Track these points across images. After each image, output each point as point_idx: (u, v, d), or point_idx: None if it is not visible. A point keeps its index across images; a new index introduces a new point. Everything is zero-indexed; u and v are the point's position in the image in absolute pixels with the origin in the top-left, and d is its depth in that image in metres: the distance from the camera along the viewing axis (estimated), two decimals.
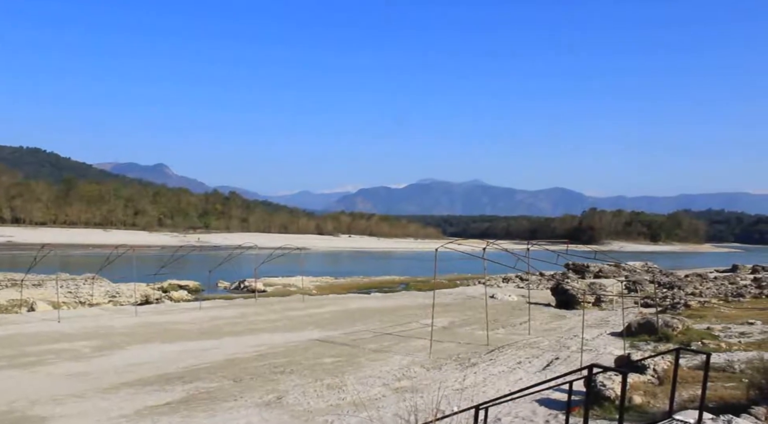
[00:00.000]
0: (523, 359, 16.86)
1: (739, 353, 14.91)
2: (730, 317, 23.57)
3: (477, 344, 19.20)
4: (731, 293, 35.21)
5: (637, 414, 9.44)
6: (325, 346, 18.80)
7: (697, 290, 38.27)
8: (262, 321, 24.08)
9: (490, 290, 38.24)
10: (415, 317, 25.40)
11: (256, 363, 15.98)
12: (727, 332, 19.23)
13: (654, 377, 12.15)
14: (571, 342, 19.26)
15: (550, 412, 10.66)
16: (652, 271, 54.07)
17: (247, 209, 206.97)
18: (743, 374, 11.72)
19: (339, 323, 24.00)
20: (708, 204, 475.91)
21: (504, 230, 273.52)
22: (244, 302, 31.21)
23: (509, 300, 34.52)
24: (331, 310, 28.26)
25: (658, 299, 33.29)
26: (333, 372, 14.93)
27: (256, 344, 18.98)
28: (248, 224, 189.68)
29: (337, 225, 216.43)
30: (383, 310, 28.59)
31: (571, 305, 31.06)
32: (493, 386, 13.46)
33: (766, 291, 35.37)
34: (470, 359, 16.73)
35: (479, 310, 24.62)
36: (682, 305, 28.80)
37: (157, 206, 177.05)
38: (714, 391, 10.31)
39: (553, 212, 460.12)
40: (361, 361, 16.45)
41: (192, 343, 18.89)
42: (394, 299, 34.43)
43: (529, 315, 24.94)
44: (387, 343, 19.46)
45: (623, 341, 18.86)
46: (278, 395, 12.58)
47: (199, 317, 24.99)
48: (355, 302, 32.51)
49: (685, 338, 17.95)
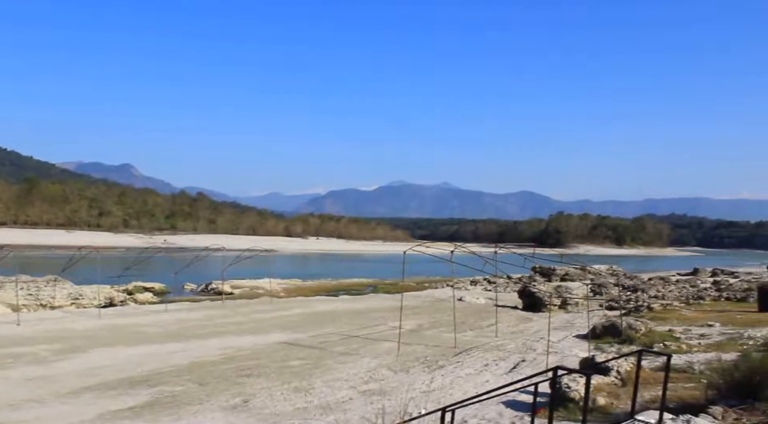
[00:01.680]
0: (490, 361, 16.98)
1: (698, 355, 15.24)
2: (690, 319, 24.07)
3: (445, 347, 19.28)
4: (692, 296, 36.02)
5: (601, 415, 9.57)
6: (292, 349, 18.70)
7: (659, 292, 39.04)
8: (229, 324, 23.85)
9: (458, 292, 38.43)
10: (383, 320, 25.42)
11: (223, 366, 15.83)
12: (687, 334, 19.65)
13: (617, 379, 12.34)
14: (537, 344, 19.46)
15: (516, 414, 10.75)
16: (617, 274, 54.98)
17: (215, 211, 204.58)
18: (702, 374, 11.97)
19: (307, 325, 23.90)
20: (671, 209, 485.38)
21: (472, 232, 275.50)
22: (210, 305, 30.88)
23: (477, 303, 34.74)
24: (298, 312, 28.13)
25: (622, 301, 33.88)
26: (300, 375, 14.86)
27: (222, 346, 18.79)
28: (216, 226, 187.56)
29: (306, 227, 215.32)
30: (351, 312, 28.55)
31: (537, 307, 31.38)
32: (460, 388, 13.53)
33: (725, 294, 36.23)
34: (438, 362, 16.80)
35: (447, 313, 24.74)
36: (646, 307, 29.36)
37: (122, 207, 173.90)
38: (675, 392, 10.51)
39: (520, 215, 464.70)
40: (328, 364, 16.40)
41: (157, 346, 18.63)
42: (362, 302, 34.41)
43: (496, 318, 25.13)
44: (355, 345, 19.43)
45: (588, 343, 19.13)
46: (245, 399, 12.47)
47: (164, 319, 24.66)
48: (323, 304, 32.41)
49: (648, 340, 18.27)
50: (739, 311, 26.72)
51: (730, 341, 17.79)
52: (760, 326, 20.67)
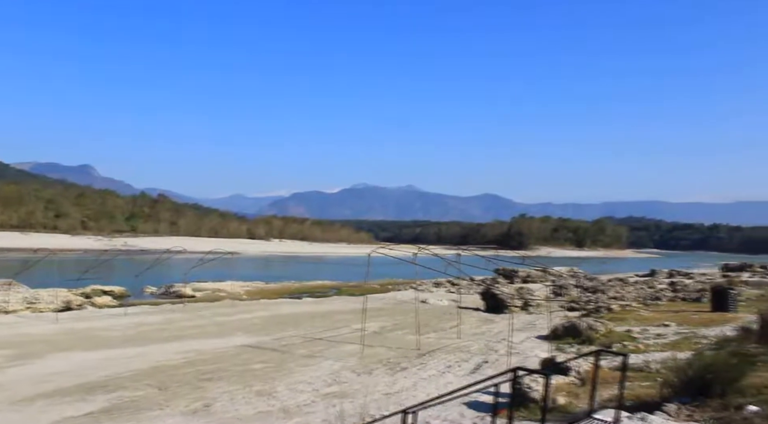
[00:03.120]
0: (452, 362, 17.10)
1: (655, 354, 15.58)
2: (648, 319, 24.60)
3: (408, 349, 19.34)
4: (649, 297, 36.81)
5: (561, 414, 9.72)
6: (254, 352, 18.53)
7: (618, 294, 39.76)
8: (190, 327, 23.52)
9: (422, 294, 38.60)
10: (347, 322, 25.37)
11: (183, 370, 15.60)
12: (645, 334, 20.08)
13: (577, 378, 12.55)
14: (499, 346, 19.67)
15: (477, 414, 10.85)
16: (578, 276, 55.93)
17: (177, 212, 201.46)
18: (658, 373, 12.25)
19: (269, 328, 23.71)
20: (630, 211, 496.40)
21: (436, 235, 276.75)
22: (171, 308, 30.40)
23: (440, 305, 34.92)
24: (261, 315, 27.89)
25: (582, 302, 34.46)
26: (262, 378, 14.74)
27: (183, 350, 18.52)
28: (178, 228, 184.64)
29: (269, 229, 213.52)
30: (314, 315, 28.43)
31: (500, 309, 31.69)
32: (423, 390, 13.59)
33: (680, 295, 37.15)
34: (401, 364, 16.84)
35: (410, 314, 24.83)
36: (605, 308, 29.89)
37: (80, 209, 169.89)
38: (632, 390, 10.73)
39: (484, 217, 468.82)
40: (291, 367, 16.30)
41: (116, 350, 18.25)
42: (325, 304, 34.29)
43: (459, 319, 25.31)
44: (318, 348, 19.36)
45: (549, 344, 19.42)
46: (206, 403, 12.31)
47: (124, 323, 24.18)
48: (286, 307, 32.21)
49: (607, 340, 18.62)
50: (693, 311, 27.42)
51: (684, 341, 18.24)
52: (713, 325, 21.26)
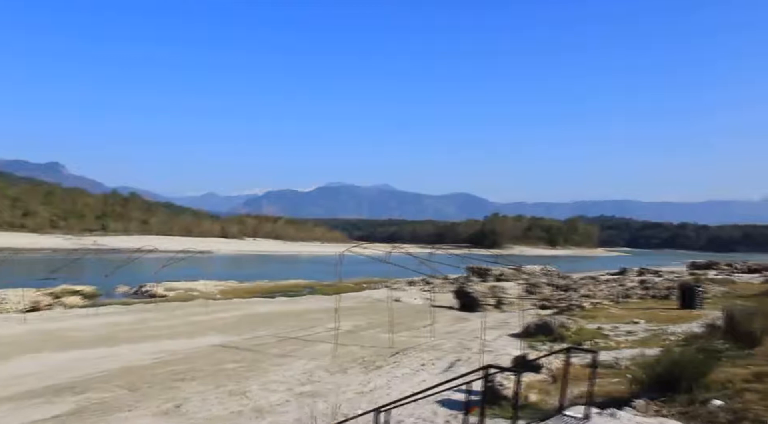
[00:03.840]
0: (426, 361, 17.16)
1: (625, 351, 15.82)
2: (618, 317, 24.92)
3: (381, 347, 19.37)
4: (620, 295, 37.27)
5: (533, 411, 9.81)
6: (227, 351, 18.41)
7: (590, 292, 40.25)
8: (162, 327, 23.27)
9: (396, 293, 38.67)
10: (321, 321, 25.32)
11: (155, 371, 15.43)
12: (615, 331, 20.35)
13: (549, 376, 12.68)
14: (472, 344, 19.79)
15: (450, 412, 10.92)
16: (550, 274, 56.48)
17: (149, 211, 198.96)
18: (628, 370, 12.44)
19: (243, 327, 23.57)
20: (601, 210, 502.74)
21: (410, 233, 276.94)
22: (143, 308, 30.05)
23: (414, 303, 35.03)
24: (234, 315, 27.70)
25: (554, 300, 34.85)
26: (235, 378, 14.65)
27: (155, 350, 18.33)
28: (149, 227, 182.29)
29: (242, 228, 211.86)
30: (288, 314, 28.33)
31: (473, 307, 31.89)
32: (396, 388, 13.62)
33: (650, 292, 37.72)
34: (375, 362, 16.86)
35: (384, 313, 24.85)
36: (577, 306, 30.23)
37: (49, 207, 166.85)
38: (602, 387, 10.88)
39: (458, 216, 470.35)
40: (264, 366, 16.23)
41: (86, 351, 17.99)
42: (299, 303, 34.18)
43: (432, 318, 25.41)
44: (291, 347, 19.30)
45: (521, 341, 19.58)
46: (177, 404, 12.20)
47: (94, 323, 23.83)
48: (260, 306, 32.03)
49: (578, 338, 18.85)
50: (662, 308, 27.85)
51: (653, 337, 18.54)
52: (681, 322, 21.64)
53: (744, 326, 11.59)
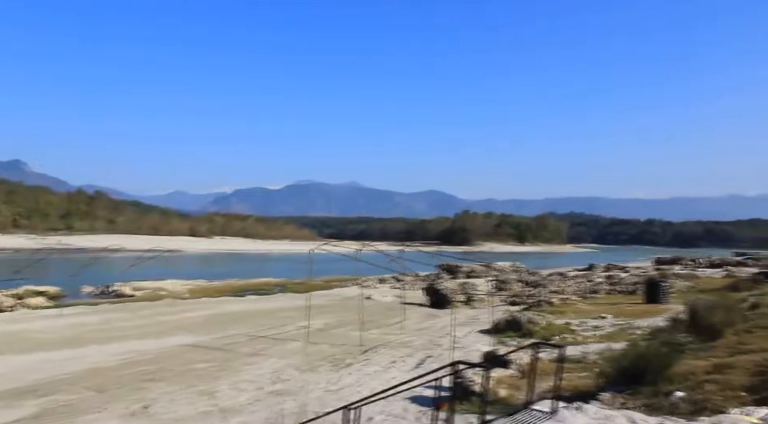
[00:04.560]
0: (396, 358, 17.23)
1: (592, 345, 16.09)
2: (586, 312, 25.31)
3: (352, 345, 19.37)
4: (588, 290, 37.83)
5: (502, 406, 9.91)
6: (197, 351, 18.24)
7: (559, 287, 40.75)
8: (130, 327, 22.94)
9: (366, 291, 38.67)
10: (291, 320, 25.22)
11: (123, 371, 15.22)
12: (583, 326, 20.68)
13: (518, 371, 12.84)
14: (442, 340, 19.91)
15: (421, 409, 10.98)
16: (520, 270, 57.06)
17: (115, 210, 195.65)
18: (595, 364, 12.66)
19: (212, 327, 23.37)
20: (570, 207, 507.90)
21: (380, 231, 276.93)
22: (110, 308, 29.58)
23: (384, 301, 35.07)
24: (204, 314, 27.44)
25: (524, 297, 35.20)
26: (205, 378, 14.52)
27: (122, 351, 18.07)
28: (116, 226, 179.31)
29: (211, 226, 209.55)
30: (258, 312, 28.16)
31: (443, 304, 32.03)
32: (367, 386, 13.64)
33: (617, 288, 38.36)
34: (345, 360, 16.87)
35: (355, 311, 24.86)
36: (546, 302, 30.57)
37: (11, 206, 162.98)
38: (570, 381, 11.05)
39: (428, 213, 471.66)
40: (234, 365, 16.12)
41: (51, 353, 17.65)
42: (269, 302, 33.99)
43: (403, 315, 25.50)
44: (261, 346, 19.20)
45: (491, 337, 19.77)
46: (145, 405, 12.05)
47: (59, 324, 23.38)
48: (230, 305, 31.77)
49: (547, 333, 19.11)
50: (629, 303, 28.36)
51: (620, 332, 18.90)
52: (646, 316, 22.08)
53: (706, 320, 11.88)
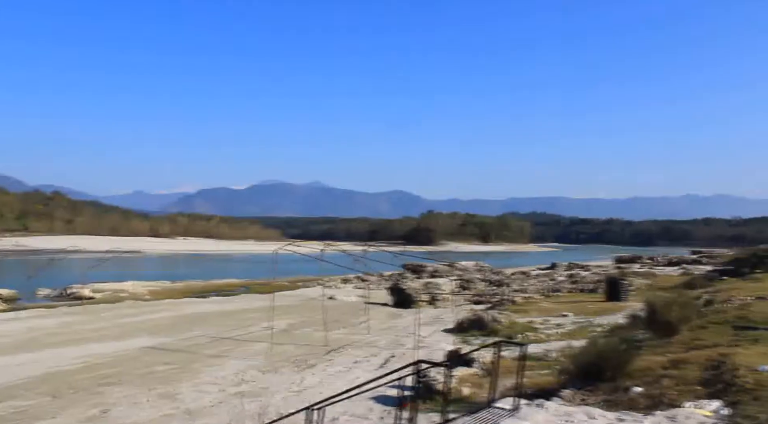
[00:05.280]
0: (361, 358, 17.24)
1: (554, 343, 16.32)
2: (548, 310, 25.67)
3: (316, 346, 19.31)
4: (550, 289, 38.40)
5: (465, 404, 10.00)
6: (158, 353, 17.96)
7: (522, 286, 41.28)
8: (88, 330, 22.46)
9: (330, 291, 38.60)
10: (255, 320, 25.02)
11: (81, 376, 14.89)
12: (545, 324, 20.97)
13: (481, 369, 12.95)
14: (406, 340, 19.97)
15: (385, 408, 11.00)
16: (483, 270, 57.58)
17: (74, 210, 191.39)
18: (557, 361, 12.85)
19: (174, 328, 23.03)
20: (533, 207, 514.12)
21: (345, 231, 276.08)
22: (68, 311, 28.91)
23: (349, 301, 35.05)
24: (165, 315, 27.03)
25: (487, 296, 35.56)
26: (166, 380, 14.31)
27: (81, 355, 17.67)
28: (74, 226, 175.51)
29: (174, 227, 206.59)
30: (222, 314, 27.87)
31: (407, 304, 32.15)
32: (330, 386, 13.61)
33: (578, 286, 39.00)
34: (309, 361, 16.81)
35: (319, 311, 24.79)
36: (509, 300, 30.93)
37: None
38: (532, 379, 11.18)
39: (393, 213, 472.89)
40: (197, 367, 15.93)
41: (5, 357, 17.15)
42: (233, 303, 33.67)
43: (367, 315, 25.49)
44: (225, 348, 19.01)
45: (455, 336, 19.92)
46: (104, 409, 11.81)
47: (14, 328, 22.75)
48: (192, 306, 31.37)
49: (510, 332, 19.32)
50: (590, 301, 28.86)
51: (581, 329, 19.21)
52: (606, 314, 22.51)
53: (663, 316, 12.15)
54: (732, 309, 14.66)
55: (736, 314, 13.60)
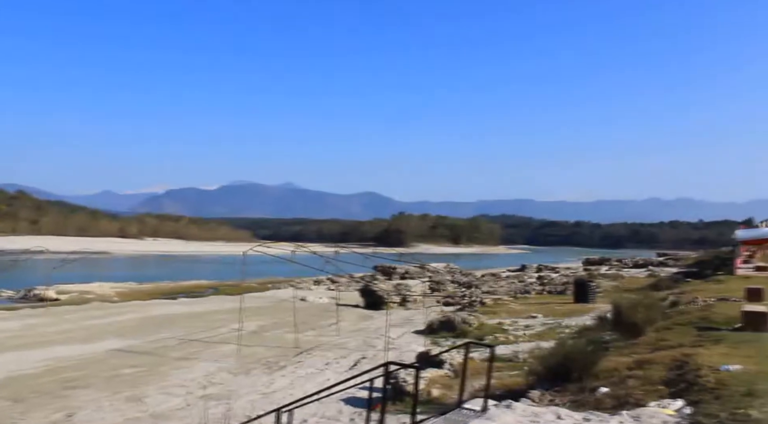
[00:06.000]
0: (331, 359, 17.20)
1: (523, 344, 16.48)
2: (518, 312, 25.89)
3: (286, 347, 19.22)
4: (520, 291, 38.73)
5: (434, 406, 10.05)
6: (125, 356, 17.69)
7: (491, 288, 41.58)
8: (53, 333, 22.00)
9: (301, 292, 38.44)
10: (224, 322, 24.79)
11: (44, 379, 14.59)
12: (515, 326, 21.14)
13: (451, 371, 13.02)
14: (377, 341, 20.00)
15: (355, 410, 11.01)
16: (453, 271, 57.93)
17: (39, 210, 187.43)
18: (525, 362, 12.97)
19: (142, 330, 22.71)
20: (503, 209, 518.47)
21: (316, 233, 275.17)
22: (31, 313, 28.27)
23: (319, 302, 34.93)
24: (133, 317, 26.64)
25: (457, 297, 35.74)
26: (133, 383, 14.11)
27: (45, 357, 17.31)
28: (40, 227, 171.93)
29: (142, 228, 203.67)
30: (190, 315, 27.56)
31: (378, 305, 32.16)
32: (300, 388, 13.57)
33: (547, 288, 39.42)
34: (279, 363, 16.73)
35: (289, 313, 24.66)
36: (479, 302, 31.12)
37: None
38: (500, 380, 11.28)
39: (364, 215, 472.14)
40: (164, 370, 15.73)
41: None
42: (202, 304, 33.32)
43: (338, 317, 25.45)
44: (193, 350, 18.81)
45: (425, 338, 19.98)
46: (68, 413, 11.60)
47: None
48: (160, 308, 30.95)
49: (480, 333, 19.44)
50: (558, 302, 29.19)
51: (549, 331, 19.41)
52: (574, 315, 22.79)
53: (629, 318, 12.35)
54: (696, 310, 14.96)
55: (699, 315, 13.88)
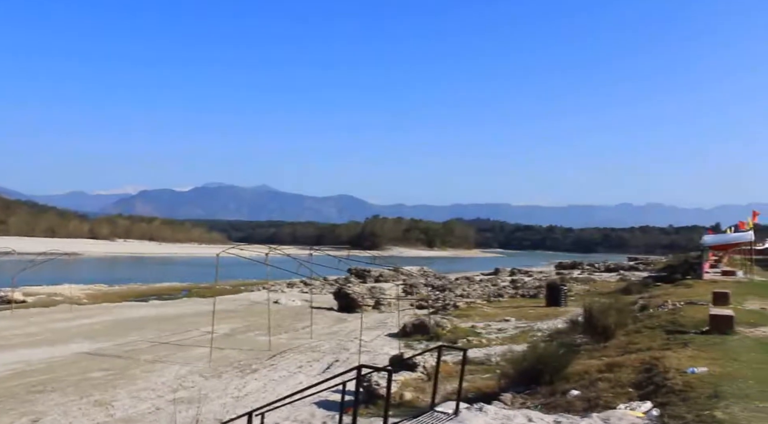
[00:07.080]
0: (304, 362, 17.13)
1: (496, 347, 16.58)
2: (491, 315, 26.07)
3: (259, 350, 19.10)
4: (493, 294, 38.97)
5: (407, 409, 10.06)
6: (94, 359, 17.42)
7: (465, 291, 41.75)
8: (18, 336, 21.57)
9: (275, 295, 38.22)
10: (196, 325, 24.53)
11: (9, 383, 14.29)
12: (488, 329, 21.29)
13: (424, 374, 13.04)
14: (350, 344, 19.95)
15: (328, 413, 10.97)
16: (427, 275, 58.08)
17: (7, 210, 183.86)
18: (498, 365, 13.06)
19: (111, 333, 22.39)
20: (477, 213, 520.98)
21: (290, 235, 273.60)
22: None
23: (293, 305, 34.78)
24: (102, 320, 26.24)
25: (431, 300, 35.83)
26: (102, 387, 13.89)
27: (10, 361, 16.96)
28: (7, 227, 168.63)
29: (113, 229, 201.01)
30: (162, 318, 27.24)
31: (352, 308, 32.09)
32: (273, 391, 13.49)
33: (520, 291, 39.72)
34: (252, 366, 16.61)
35: (263, 315, 24.52)
36: (452, 305, 31.26)
37: None
38: (473, 383, 11.34)
39: (339, 218, 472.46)
40: (134, 373, 15.51)
41: None
42: (174, 307, 32.96)
43: (311, 319, 25.34)
44: (164, 353, 18.58)
45: (399, 341, 20.01)
46: (34, 418, 11.37)
47: None
48: (131, 310, 30.54)
49: (453, 336, 19.53)
50: (531, 306, 29.45)
51: (522, 334, 19.58)
52: (547, 319, 23.02)
53: (600, 321, 12.52)
54: (664, 314, 15.22)
55: (668, 318, 14.12)
